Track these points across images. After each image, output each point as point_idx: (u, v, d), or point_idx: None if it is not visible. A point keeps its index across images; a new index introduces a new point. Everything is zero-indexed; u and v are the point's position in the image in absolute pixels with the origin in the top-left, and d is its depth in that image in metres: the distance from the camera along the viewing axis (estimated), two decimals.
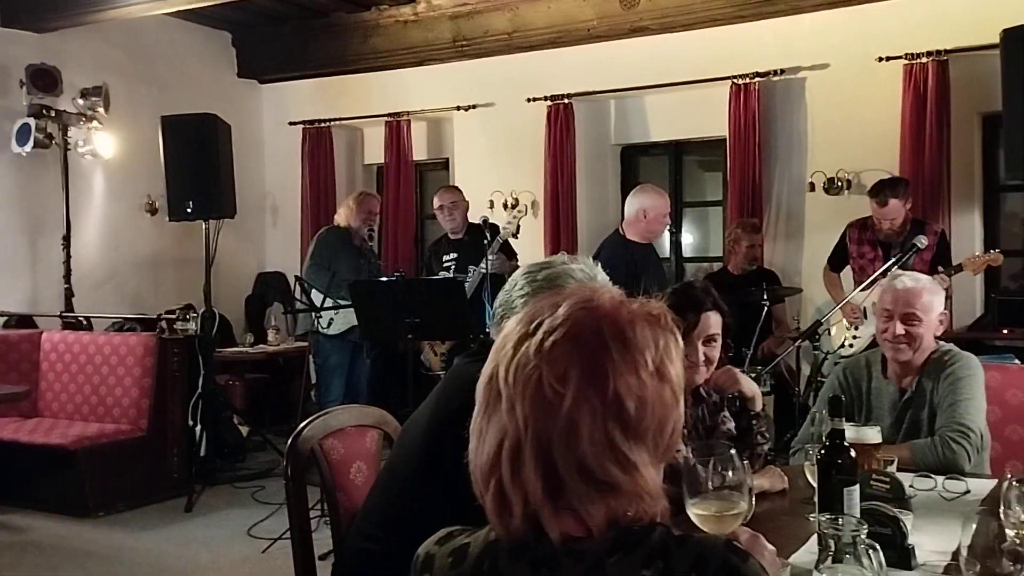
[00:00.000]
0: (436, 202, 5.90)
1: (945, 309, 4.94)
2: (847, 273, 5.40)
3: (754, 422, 2.52)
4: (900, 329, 2.71)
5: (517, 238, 5.72)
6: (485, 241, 5.37)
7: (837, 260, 5.42)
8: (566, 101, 6.79)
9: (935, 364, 2.76)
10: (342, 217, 6.05)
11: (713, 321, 2.48)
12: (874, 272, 4.40)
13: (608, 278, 1.97)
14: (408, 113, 7.44)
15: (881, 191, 5.04)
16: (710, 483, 1.68)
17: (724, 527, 1.64)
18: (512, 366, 1.09)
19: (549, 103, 6.83)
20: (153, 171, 6.49)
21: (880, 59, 5.78)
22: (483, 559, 1.13)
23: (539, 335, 1.09)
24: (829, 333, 5.25)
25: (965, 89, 5.62)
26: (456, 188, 6.06)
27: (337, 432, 2.26)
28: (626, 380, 1.07)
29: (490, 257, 5.38)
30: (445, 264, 5.80)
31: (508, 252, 5.66)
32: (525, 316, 1.14)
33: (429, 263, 6.03)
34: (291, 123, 7.90)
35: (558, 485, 1.06)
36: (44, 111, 6.24)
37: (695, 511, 1.67)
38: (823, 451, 1.92)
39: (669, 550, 1.05)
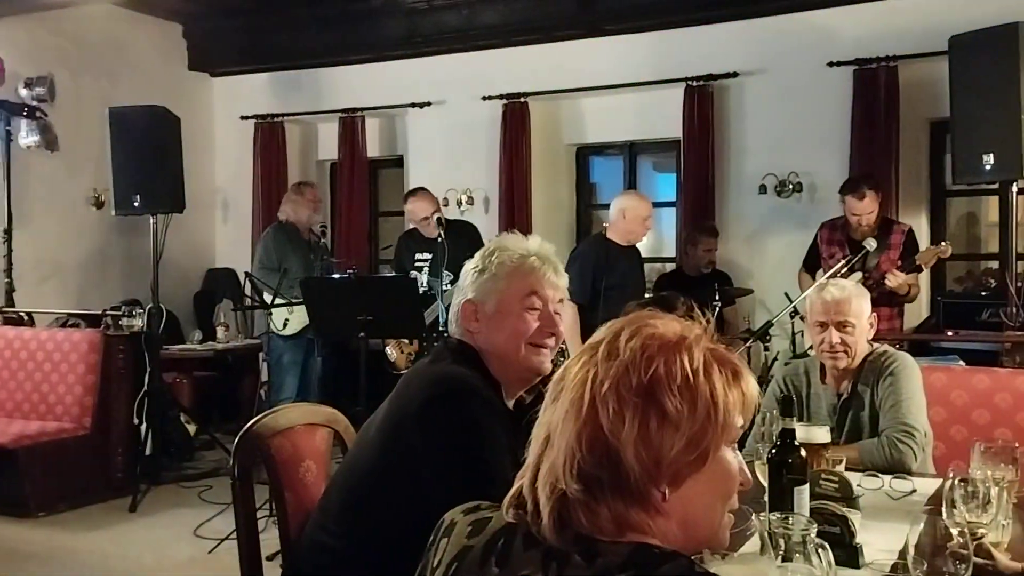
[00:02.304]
0: (414, 213, 5.69)
1: (898, 308, 5.08)
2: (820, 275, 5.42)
3: None
4: (836, 338, 2.76)
5: None
6: (440, 240, 5.30)
7: (811, 262, 5.38)
8: (521, 100, 6.79)
9: (871, 365, 2.81)
10: (287, 212, 5.94)
11: None
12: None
13: (541, 242, 2.04)
14: (362, 109, 7.38)
15: (858, 186, 5.01)
16: None
17: None
18: (575, 371, 1.13)
19: (504, 102, 6.81)
20: (99, 164, 6.36)
21: (831, 64, 5.86)
22: (499, 537, 1.13)
23: (576, 352, 1.14)
24: (800, 334, 5.28)
25: (914, 95, 5.72)
26: (429, 194, 5.80)
27: (286, 431, 2.22)
28: (604, 397, 1.07)
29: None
30: (417, 264, 5.71)
31: None
32: (607, 332, 1.15)
33: (399, 257, 5.91)
34: (243, 117, 7.78)
35: (539, 485, 1.10)
36: None
37: None
38: (774, 450, 1.93)
39: None
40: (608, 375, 1.08)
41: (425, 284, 5.53)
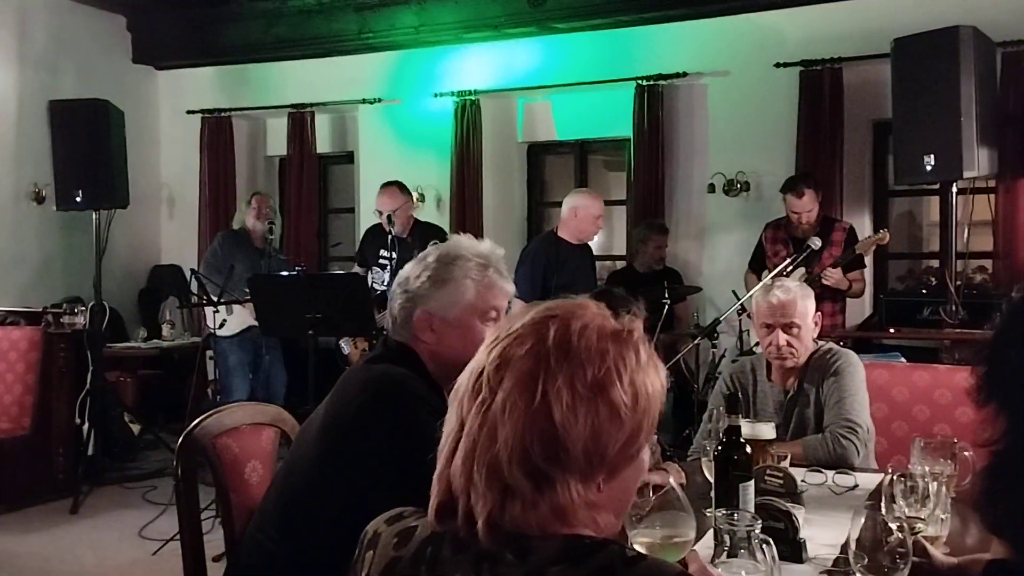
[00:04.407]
0: (378, 206, 5.55)
1: (841, 303, 5.17)
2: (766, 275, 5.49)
3: None
4: (783, 340, 2.80)
5: None
6: (408, 239, 5.24)
7: (757, 262, 5.45)
8: (473, 98, 6.77)
9: (817, 363, 2.86)
10: (237, 221, 5.94)
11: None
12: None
13: (492, 246, 1.99)
14: (312, 105, 7.30)
15: (796, 185, 5.13)
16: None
17: (669, 556, 1.55)
18: (472, 367, 1.12)
19: (456, 99, 6.80)
20: (40, 158, 6.23)
21: (777, 65, 5.94)
22: (427, 545, 1.12)
23: (502, 338, 1.12)
24: (747, 332, 5.35)
25: (858, 96, 5.82)
26: (398, 189, 5.60)
27: (231, 431, 2.19)
28: (557, 389, 1.05)
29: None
30: (381, 260, 5.62)
31: None
32: (502, 323, 1.16)
33: (363, 251, 5.80)
34: (189, 112, 7.66)
35: (472, 483, 1.08)
36: None
37: (639, 539, 1.58)
38: (720, 447, 1.95)
39: (615, 571, 1.02)
40: (561, 369, 1.07)
41: (384, 283, 5.43)
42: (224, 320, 5.56)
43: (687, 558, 1.54)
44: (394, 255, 5.50)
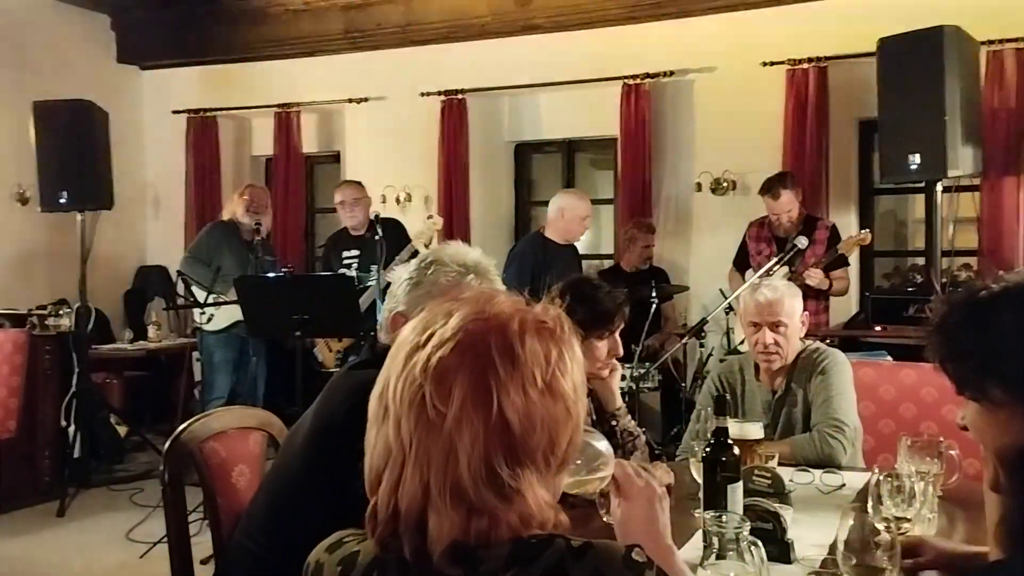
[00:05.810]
0: (337, 197, 5.74)
1: (825, 302, 5.20)
2: (750, 273, 5.51)
3: (613, 422, 2.53)
4: (770, 338, 2.81)
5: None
6: (377, 237, 5.26)
7: (741, 261, 5.49)
8: (460, 97, 6.76)
9: (804, 362, 2.87)
10: (227, 212, 5.90)
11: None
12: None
13: (481, 255, 2.00)
14: (298, 104, 7.28)
15: (772, 186, 5.18)
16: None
17: (594, 488, 1.51)
18: (400, 381, 1.08)
19: (443, 98, 6.78)
20: (24, 159, 6.17)
21: (764, 64, 5.96)
22: (371, 570, 1.10)
23: (428, 349, 1.07)
24: (732, 331, 5.37)
25: (843, 95, 5.84)
26: (358, 184, 5.87)
27: (218, 434, 2.18)
28: (512, 400, 1.04)
29: (395, 268, 5.15)
30: (345, 261, 5.66)
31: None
32: (419, 324, 1.12)
33: (327, 258, 5.87)
34: (175, 112, 7.62)
35: (432, 505, 1.05)
36: None
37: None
38: (708, 448, 1.95)
39: (566, 565, 1.02)
40: (512, 378, 1.05)
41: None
42: (211, 315, 5.54)
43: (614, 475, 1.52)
44: (357, 252, 5.53)
